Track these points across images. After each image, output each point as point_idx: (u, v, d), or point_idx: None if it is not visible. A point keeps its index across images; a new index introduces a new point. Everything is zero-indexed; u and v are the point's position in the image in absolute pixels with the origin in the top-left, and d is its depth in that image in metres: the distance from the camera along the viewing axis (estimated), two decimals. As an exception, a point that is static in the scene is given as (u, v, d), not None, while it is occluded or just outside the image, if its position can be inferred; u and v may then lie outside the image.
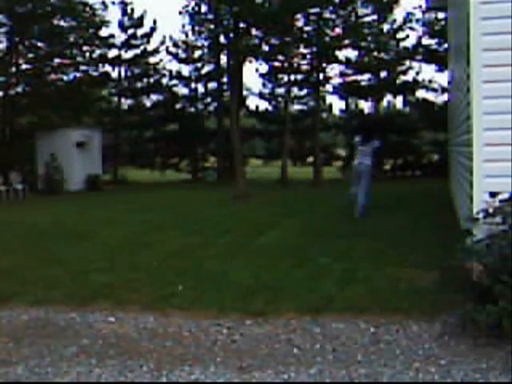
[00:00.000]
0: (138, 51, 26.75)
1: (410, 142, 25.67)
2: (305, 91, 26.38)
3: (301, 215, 11.29)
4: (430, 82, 25.07)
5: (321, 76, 24.55)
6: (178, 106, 27.67)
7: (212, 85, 26.80)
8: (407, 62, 25.25)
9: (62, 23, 23.14)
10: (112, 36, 25.84)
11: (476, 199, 5.02)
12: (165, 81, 27.31)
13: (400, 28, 24.61)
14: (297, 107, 27.38)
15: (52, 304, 5.22)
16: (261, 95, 27.30)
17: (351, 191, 10.84)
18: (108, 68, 26.45)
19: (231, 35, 21.32)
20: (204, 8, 22.57)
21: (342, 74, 25.60)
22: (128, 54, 26.66)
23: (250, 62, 23.25)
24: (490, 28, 5.01)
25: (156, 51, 26.86)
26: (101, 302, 5.23)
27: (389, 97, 27.51)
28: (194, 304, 5.10)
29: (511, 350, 3.83)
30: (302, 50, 24.29)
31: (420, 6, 23.72)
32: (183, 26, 25.60)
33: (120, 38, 26.33)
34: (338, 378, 3.57)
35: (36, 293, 5.57)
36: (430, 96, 25.84)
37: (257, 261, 6.86)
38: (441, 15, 21.68)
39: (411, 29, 24.64)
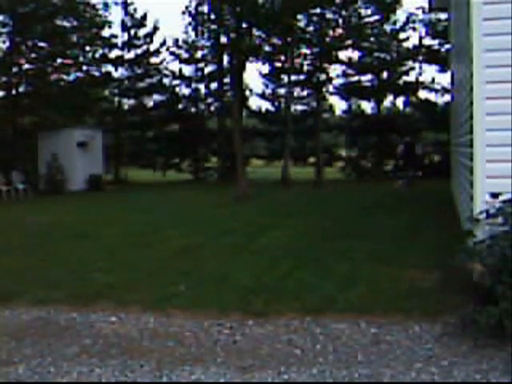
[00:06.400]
0: (139, 51, 26.78)
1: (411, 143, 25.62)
2: (306, 92, 26.38)
3: (302, 216, 11.28)
4: (433, 82, 25.07)
5: (322, 76, 24.54)
6: (179, 106, 27.68)
7: (214, 85, 26.80)
8: (409, 63, 25.23)
9: (64, 23, 23.20)
10: (114, 36, 25.83)
11: (477, 200, 5.01)
12: (166, 81, 27.36)
13: (402, 28, 24.61)
14: (298, 108, 27.40)
15: (53, 304, 5.22)
16: (262, 96, 27.29)
17: None
18: (110, 68, 26.52)
19: (233, 35, 21.33)
20: (206, 8, 22.61)
21: (343, 75, 25.59)
22: (130, 54, 26.68)
23: (255, 58, 23.15)
24: (491, 29, 5.01)
25: (158, 51, 26.87)
26: (102, 302, 5.23)
27: (390, 97, 27.46)
28: (195, 304, 5.10)
29: (512, 351, 3.83)
30: (304, 50, 24.30)
31: (422, 7, 23.76)
32: (185, 26, 25.57)
33: (122, 38, 26.39)
34: (339, 378, 3.57)
35: (37, 292, 5.57)
36: (432, 96, 25.86)
37: (258, 261, 6.86)
38: (443, 16, 21.67)
39: (413, 29, 24.66)
